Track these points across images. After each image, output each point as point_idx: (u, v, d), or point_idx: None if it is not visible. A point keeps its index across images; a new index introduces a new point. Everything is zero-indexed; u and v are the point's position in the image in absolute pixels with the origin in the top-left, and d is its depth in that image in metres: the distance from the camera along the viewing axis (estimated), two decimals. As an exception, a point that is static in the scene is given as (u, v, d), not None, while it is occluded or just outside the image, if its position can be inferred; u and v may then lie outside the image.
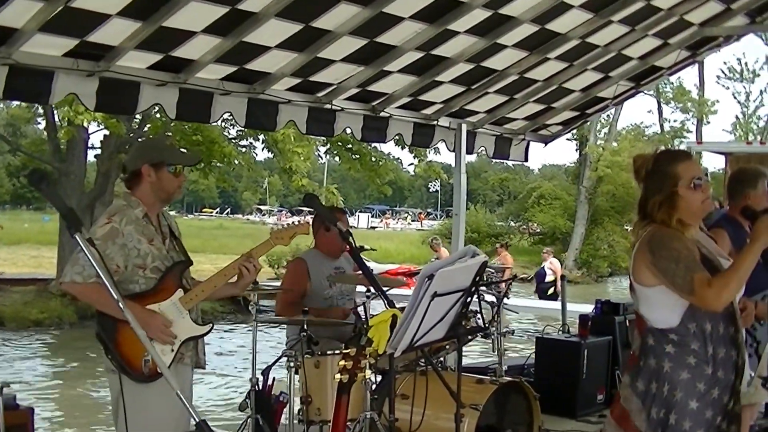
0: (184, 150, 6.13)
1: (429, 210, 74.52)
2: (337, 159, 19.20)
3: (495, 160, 8.31)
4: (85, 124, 12.27)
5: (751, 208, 3.20)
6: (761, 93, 42.10)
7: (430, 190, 74.32)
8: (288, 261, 5.36)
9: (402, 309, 3.21)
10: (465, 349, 4.98)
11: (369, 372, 3.05)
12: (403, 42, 5.19)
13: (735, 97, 49.51)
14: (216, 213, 68.49)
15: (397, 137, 6.29)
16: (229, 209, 71.18)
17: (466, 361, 6.87)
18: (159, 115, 14.33)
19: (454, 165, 6.95)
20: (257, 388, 4.86)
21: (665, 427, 2.87)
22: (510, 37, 5.52)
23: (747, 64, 41.42)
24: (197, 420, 1.97)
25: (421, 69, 5.63)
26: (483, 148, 7.05)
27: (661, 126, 40.11)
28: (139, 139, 15.10)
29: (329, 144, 17.72)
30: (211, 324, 3.71)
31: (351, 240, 3.66)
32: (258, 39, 4.70)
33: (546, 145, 7.55)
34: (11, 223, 31.72)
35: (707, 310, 2.86)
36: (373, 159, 17.87)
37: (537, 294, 18.33)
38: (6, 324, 14.74)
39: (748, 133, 39.35)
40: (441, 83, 5.92)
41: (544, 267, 18.78)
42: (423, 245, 29.65)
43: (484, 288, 5.68)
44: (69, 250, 12.43)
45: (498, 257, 18.04)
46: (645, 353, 2.96)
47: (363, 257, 3.77)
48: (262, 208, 67.83)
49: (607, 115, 32.76)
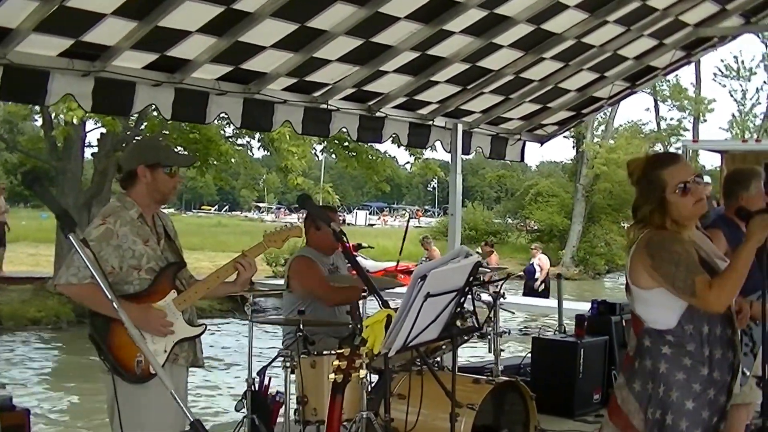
0: (180, 151, 6.15)
1: (426, 207, 74.43)
2: (334, 157, 19.17)
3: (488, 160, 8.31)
4: (75, 120, 12.16)
5: (745, 209, 3.21)
6: (757, 91, 42.04)
7: (428, 187, 74.27)
8: (287, 260, 5.35)
9: (397, 309, 3.22)
10: (461, 350, 4.99)
11: (364, 372, 3.05)
12: (399, 42, 5.19)
13: (731, 95, 49.72)
14: (214, 210, 68.37)
15: (393, 137, 6.29)
16: (228, 206, 71.11)
17: (462, 362, 6.89)
18: (156, 113, 14.29)
19: (450, 165, 6.96)
20: (253, 388, 4.86)
21: (662, 428, 2.88)
22: (506, 37, 5.52)
23: (743, 62, 41.43)
24: (192, 420, 1.97)
25: (417, 69, 5.63)
26: (479, 148, 7.05)
27: (658, 124, 40.15)
28: (136, 138, 15.05)
29: (326, 142, 17.70)
30: (204, 325, 3.71)
31: (345, 240, 3.66)
32: (253, 39, 4.70)
33: (542, 145, 7.56)
34: (9, 221, 31.56)
35: (709, 311, 2.87)
36: (370, 156, 17.85)
37: (525, 290, 18.32)
38: (3, 323, 14.68)
39: (744, 131, 39.37)
40: (437, 83, 5.92)
41: (532, 263, 18.78)
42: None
43: (480, 288, 5.70)
44: (66, 248, 12.37)
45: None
46: (641, 354, 2.97)
47: (361, 255, 3.78)
48: (260, 205, 67.72)
49: (604, 113, 32.76)
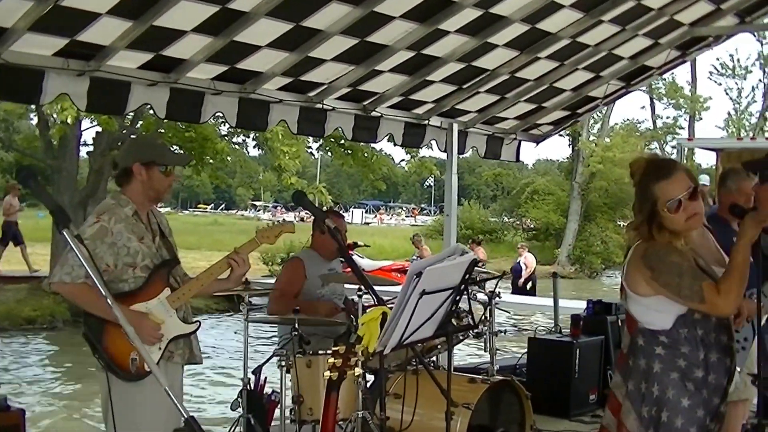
0: (175, 150, 6.13)
1: (423, 205, 74.36)
2: (330, 155, 19.15)
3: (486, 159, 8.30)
4: (69, 120, 12.13)
5: (739, 206, 3.19)
6: (753, 89, 42.22)
7: (424, 185, 74.18)
8: (283, 259, 5.39)
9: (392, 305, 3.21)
10: (456, 350, 4.99)
11: (359, 370, 3.04)
12: (394, 41, 5.19)
13: (727, 94, 49.62)
14: (211, 209, 68.25)
15: (388, 137, 6.28)
16: (224, 205, 70.98)
17: (457, 362, 6.88)
18: (152, 112, 14.26)
19: (446, 164, 6.95)
20: (249, 387, 4.87)
21: (657, 425, 2.87)
22: (501, 37, 5.53)
23: (739, 60, 41.53)
24: (186, 417, 1.97)
25: (412, 68, 5.63)
26: (474, 147, 7.05)
27: (654, 122, 40.19)
28: (132, 137, 15.02)
29: (321, 140, 17.67)
30: (198, 322, 3.72)
31: (338, 238, 3.66)
32: (249, 38, 4.70)
33: (537, 145, 7.57)
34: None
35: (719, 315, 2.88)
36: (366, 154, 17.83)
37: (512, 288, 18.34)
38: (-2, 322, 14.64)
39: (740, 130, 39.41)
40: (432, 83, 5.92)
41: (519, 262, 18.77)
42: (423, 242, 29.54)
43: (476, 287, 5.69)
44: (62, 247, 12.33)
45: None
46: (635, 353, 2.97)
47: (357, 254, 3.78)
48: (256, 203, 67.61)
49: (600, 112, 32.76)
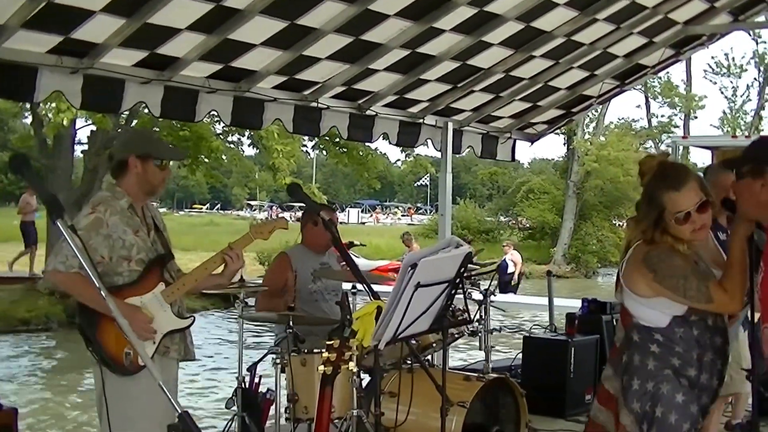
0: (171, 145, 6.13)
1: (419, 205, 74.34)
2: (324, 153, 19.14)
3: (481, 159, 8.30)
4: (66, 122, 12.15)
5: (730, 200, 3.21)
6: (748, 88, 42.33)
7: (418, 184, 74.14)
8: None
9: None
10: (451, 348, 5.00)
11: (353, 364, 3.02)
12: (389, 40, 5.18)
13: (722, 93, 49.76)
14: (206, 209, 68.18)
15: (383, 136, 6.26)
16: (219, 205, 70.90)
17: (452, 362, 6.89)
18: (147, 111, 14.25)
19: (440, 164, 6.95)
20: (244, 385, 4.86)
21: (651, 421, 2.87)
22: (495, 35, 5.52)
23: (734, 59, 41.60)
24: (180, 412, 1.96)
25: (407, 67, 5.62)
26: (470, 147, 7.04)
27: (649, 121, 40.27)
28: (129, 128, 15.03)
29: (317, 139, 17.67)
30: (193, 317, 3.71)
31: (333, 230, 3.66)
32: (243, 36, 4.68)
33: (532, 144, 7.57)
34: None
35: (728, 313, 2.92)
36: (361, 153, 17.84)
37: (498, 287, 18.33)
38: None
39: (735, 129, 39.46)
40: (427, 81, 5.91)
41: (505, 259, 18.77)
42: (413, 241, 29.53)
43: (470, 286, 5.69)
44: (57, 241, 12.29)
45: None
46: (629, 349, 2.98)
47: (353, 253, 3.79)
48: (252, 203, 67.55)
49: (595, 110, 32.82)
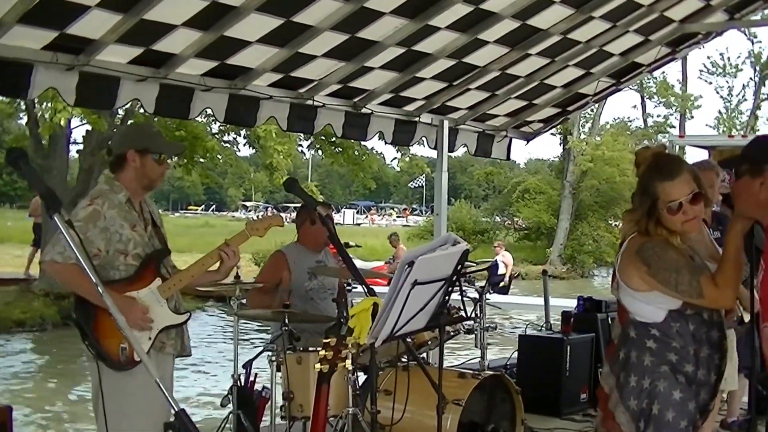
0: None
1: (414, 206, 74.32)
2: (320, 153, 19.13)
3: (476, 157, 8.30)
4: (62, 122, 12.14)
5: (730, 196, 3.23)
6: (743, 87, 42.29)
7: (413, 186, 74.16)
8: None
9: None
10: (447, 346, 5.00)
11: (349, 362, 3.00)
12: (385, 37, 5.18)
13: (718, 92, 49.84)
14: (201, 210, 68.10)
15: (378, 134, 6.25)
16: (215, 206, 70.82)
17: (448, 360, 6.87)
18: (142, 111, 14.24)
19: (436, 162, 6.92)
20: (239, 383, 4.84)
21: (648, 418, 2.87)
22: (491, 33, 5.52)
23: (729, 58, 41.61)
24: (176, 409, 1.95)
25: (403, 65, 5.62)
26: (465, 145, 7.04)
27: (645, 121, 40.32)
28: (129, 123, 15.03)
29: (312, 138, 17.66)
30: (189, 313, 3.70)
31: (330, 226, 3.64)
32: (239, 33, 4.68)
33: (527, 143, 7.57)
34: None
35: (719, 308, 2.90)
36: (357, 153, 17.83)
37: (489, 287, 18.30)
38: (-13, 324, 14.55)
39: (731, 128, 39.50)
40: (422, 79, 5.91)
41: (496, 260, 18.79)
42: (408, 241, 29.60)
43: (466, 284, 5.69)
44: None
45: None
46: (626, 345, 2.98)
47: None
48: (247, 204, 67.46)
49: (591, 110, 32.86)
